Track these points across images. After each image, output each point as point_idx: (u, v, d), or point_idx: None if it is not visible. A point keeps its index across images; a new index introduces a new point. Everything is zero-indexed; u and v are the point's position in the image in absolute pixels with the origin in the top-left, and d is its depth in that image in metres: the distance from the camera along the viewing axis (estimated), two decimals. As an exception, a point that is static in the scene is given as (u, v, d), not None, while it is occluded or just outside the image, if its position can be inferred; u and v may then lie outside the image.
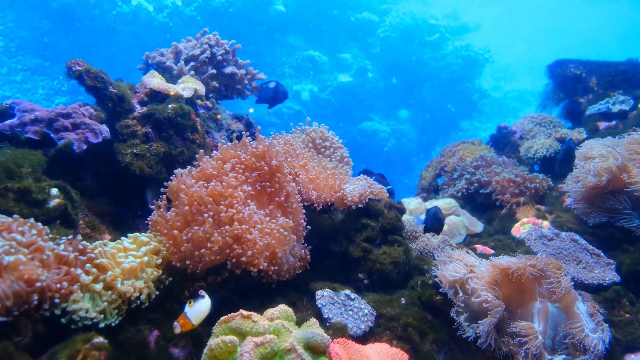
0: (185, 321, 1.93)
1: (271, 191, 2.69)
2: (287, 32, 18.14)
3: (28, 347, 1.80)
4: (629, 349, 2.44)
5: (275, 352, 1.73)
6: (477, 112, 20.22)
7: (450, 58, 19.02)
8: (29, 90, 15.14)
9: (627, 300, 2.72)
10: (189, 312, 1.95)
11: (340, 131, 16.01)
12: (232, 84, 4.03)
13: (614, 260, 3.03)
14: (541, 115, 5.52)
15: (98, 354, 1.81)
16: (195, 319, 1.96)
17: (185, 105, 3.16)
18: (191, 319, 1.94)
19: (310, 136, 3.45)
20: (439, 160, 5.40)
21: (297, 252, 2.65)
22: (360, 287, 2.84)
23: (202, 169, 2.64)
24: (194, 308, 1.97)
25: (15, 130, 2.72)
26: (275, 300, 2.41)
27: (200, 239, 2.32)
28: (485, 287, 2.23)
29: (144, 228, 2.99)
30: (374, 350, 2.09)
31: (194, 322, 1.95)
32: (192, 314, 1.95)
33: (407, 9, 19.86)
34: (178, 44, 3.91)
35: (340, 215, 3.13)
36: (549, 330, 2.24)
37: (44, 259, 1.87)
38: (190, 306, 1.97)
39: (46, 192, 2.42)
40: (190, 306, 1.97)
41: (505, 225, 3.93)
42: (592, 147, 3.35)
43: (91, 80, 2.97)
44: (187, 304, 1.98)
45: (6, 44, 15.18)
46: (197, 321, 1.97)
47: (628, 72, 5.15)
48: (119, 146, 2.94)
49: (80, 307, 1.90)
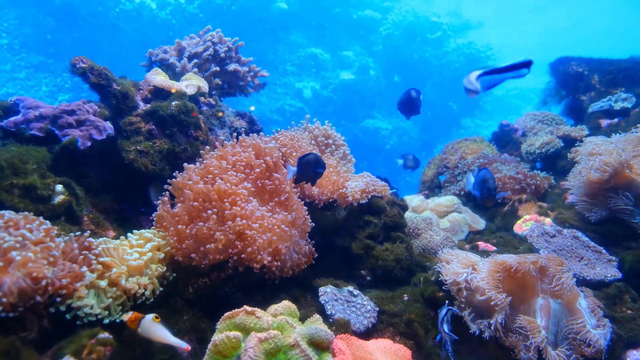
0: (135, 321, 1.86)
1: (271, 188, 2.70)
2: (289, 29, 18.15)
3: (34, 343, 1.82)
4: (630, 345, 2.44)
5: (279, 348, 1.74)
6: (479, 110, 20.21)
7: (452, 56, 19.00)
8: (33, 87, 15.17)
9: (629, 296, 2.73)
10: (147, 321, 1.86)
11: (342, 129, 16.03)
12: (234, 81, 4.04)
13: (615, 257, 3.03)
14: (543, 113, 5.52)
15: (103, 349, 1.82)
16: (143, 329, 1.86)
17: (189, 103, 3.17)
18: (141, 326, 1.85)
19: (313, 133, 3.46)
20: (441, 158, 5.40)
21: (301, 248, 2.66)
22: (363, 283, 2.85)
23: (205, 165, 2.65)
24: (153, 325, 1.86)
25: (20, 127, 2.73)
26: (279, 297, 2.42)
27: (204, 235, 2.33)
28: (489, 285, 2.24)
29: (148, 225, 3.00)
30: (376, 346, 2.10)
31: (140, 329, 1.85)
32: (146, 325, 1.85)
33: (409, 7, 19.85)
34: (181, 41, 3.92)
35: (343, 212, 3.14)
36: (551, 326, 2.25)
37: (51, 257, 1.89)
38: (154, 321, 1.86)
39: (51, 188, 2.44)
40: (154, 320, 1.86)
41: (507, 222, 3.93)
42: (595, 144, 3.35)
43: (95, 78, 2.98)
44: (154, 317, 1.87)
45: (10, 41, 15.21)
46: (142, 331, 1.86)
47: (630, 70, 5.14)
48: (123, 143, 2.95)
49: (85, 304, 1.92)
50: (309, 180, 2.79)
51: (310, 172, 2.67)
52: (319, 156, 2.68)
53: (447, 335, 2.13)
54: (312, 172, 2.66)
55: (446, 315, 2.19)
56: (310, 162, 2.65)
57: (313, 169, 2.65)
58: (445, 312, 2.21)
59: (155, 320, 1.86)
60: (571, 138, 4.71)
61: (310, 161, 2.65)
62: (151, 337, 1.86)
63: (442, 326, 2.16)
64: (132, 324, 1.86)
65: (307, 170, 2.66)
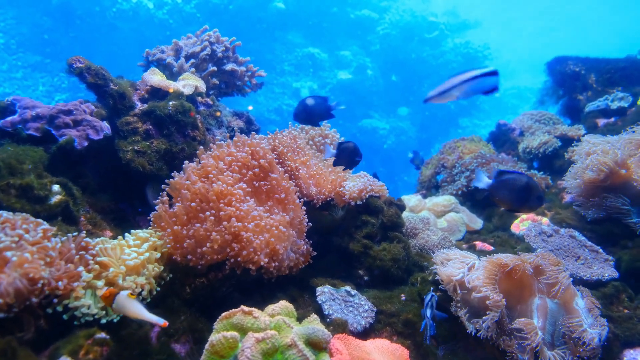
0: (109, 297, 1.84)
1: (268, 188, 2.70)
2: (287, 29, 18.15)
3: (31, 343, 1.82)
4: (627, 344, 2.45)
5: (277, 348, 1.74)
6: (476, 110, 20.24)
7: (449, 55, 19.03)
8: (30, 87, 15.13)
9: (626, 296, 2.74)
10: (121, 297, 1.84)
11: (340, 128, 15.98)
12: (232, 81, 4.04)
13: (612, 257, 3.04)
14: (540, 112, 5.53)
15: (100, 349, 1.83)
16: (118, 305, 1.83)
17: (186, 102, 3.17)
18: (116, 302, 1.83)
19: (309, 133, 3.46)
20: (439, 158, 5.40)
21: (299, 247, 2.66)
22: (360, 283, 2.86)
23: (202, 166, 2.65)
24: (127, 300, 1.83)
25: (16, 127, 2.73)
26: (277, 296, 2.43)
27: (201, 237, 2.33)
28: (485, 283, 2.25)
29: (145, 225, 3.00)
30: (374, 345, 2.11)
31: (114, 305, 1.83)
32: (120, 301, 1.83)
33: (406, 6, 19.88)
34: (178, 41, 3.91)
35: (341, 212, 3.14)
36: (548, 326, 2.25)
37: (48, 257, 1.88)
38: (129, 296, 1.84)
39: (48, 188, 2.43)
40: (129, 296, 1.84)
41: (504, 222, 3.93)
42: (591, 144, 3.36)
43: (92, 77, 2.98)
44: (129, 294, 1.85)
45: (7, 40, 15.17)
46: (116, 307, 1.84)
47: (627, 69, 5.15)
48: (120, 143, 2.95)
49: (82, 304, 1.92)
50: (345, 165, 3.00)
51: (346, 158, 2.87)
52: (357, 145, 2.87)
53: (428, 319, 2.13)
54: (349, 159, 2.85)
55: (430, 301, 2.18)
56: (348, 148, 2.85)
57: (350, 156, 2.85)
58: (429, 298, 2.20)
59: (130, 296, 1.84)
60: (568, 137, 4.71)
61: (348, 148, 2.85)
62: (126, 313, 1.84)
63: (425, 311, 2.16)
64: (107, 300, 1.84)
65: (344, 156, 2.87)
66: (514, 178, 2.53)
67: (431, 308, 2.16)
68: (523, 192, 2.51)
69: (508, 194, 2.54)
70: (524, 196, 2.51)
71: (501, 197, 2.57)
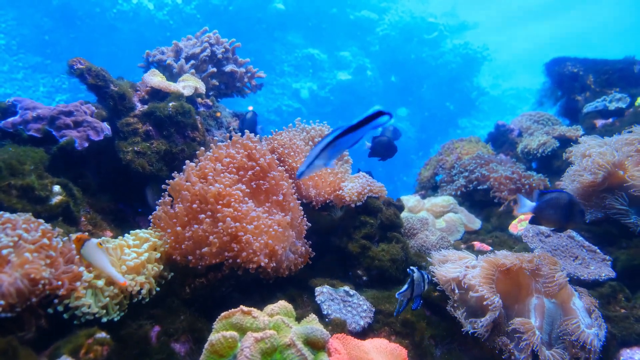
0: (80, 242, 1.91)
1: (267, 188, 2.71)
2: (286, 30, 18.16)
3: (32, 342, 1.83)
4: (624, 344, 2.46)
5: (275, 348, 1.75)
6: (475, 110, 20.26)
7: (448, 56, 19.07)
8: (30, 88, 15.14)
9: (623, 295, 2.75)
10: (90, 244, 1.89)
11: (340, 129, 15.97)
12: (232, 82, 4.05)
13: (609, 257, 3.06)
14: (539, 113, 5.55)
15: (101, 348, 1.83)
16: (85, 252, 1.90)
17: (186, 104, 3.18)
18: (84, 248, 1.90)
19: (310, 134, 3.47)
20: (438, 159, 5.42)
21: (298, 248, 2.67)
22: (359, 283, 2.87)
23: (200, 167, 2.66)
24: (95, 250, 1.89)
25: (17, 128, 2.74)
26: (276, 296, 2.44)
27: (200, 238, 2.34)
28: (482, 284, 2.26)
29: (145, 225, 3.01)
30: (372, 345, 2.12)
31: (82, 251, 1.90)
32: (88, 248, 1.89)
33: (406, 7, 19.92)
34: (178, 42, 3.93)
35: (340, 212, 3.16)
36: (545, 326, 2.27)
37: (48, 257, 1.90)
38: (98, 246, 1.90)
39: (48, 189, 2.45)
40: (98, 246, 1.90)
41: (502, 222, 3.95)
42: (589, 145, 3.38)
43: (92, 79, 2.99)
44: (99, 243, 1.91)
45: (7, 41, 15.17)
46: (84, 253, 1.90)
47: (625, 70, 5.17)
48: (120, 144, 2.96)
49: (82, 303, 1.93)
50: (379, 157, 3.28)
51: (380, 151, 3.15)
52: (391, 140, 3.17)
53: (401, 295, 2.16)
54: (383, 151, 3.04)
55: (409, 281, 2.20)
56: (382, 142, 3.14)
57: (383, 149, 3.03)
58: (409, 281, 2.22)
59: (99, 246, 1.90)
60: (566, 138, 4.73)
61: (382, 141, 3.15)
62: (91, 262, 1.91)
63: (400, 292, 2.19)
64: (77, 243, 1.91)
65: (378, 149, 3.16)
66: (556, 197, 2.61)
67: (408, 284, 2.18)
68: (566, 208, 2.59)
69: (554, 212, 2.60)
70: (567, 213, 2.59)
71: (548, 217, 2.64)
